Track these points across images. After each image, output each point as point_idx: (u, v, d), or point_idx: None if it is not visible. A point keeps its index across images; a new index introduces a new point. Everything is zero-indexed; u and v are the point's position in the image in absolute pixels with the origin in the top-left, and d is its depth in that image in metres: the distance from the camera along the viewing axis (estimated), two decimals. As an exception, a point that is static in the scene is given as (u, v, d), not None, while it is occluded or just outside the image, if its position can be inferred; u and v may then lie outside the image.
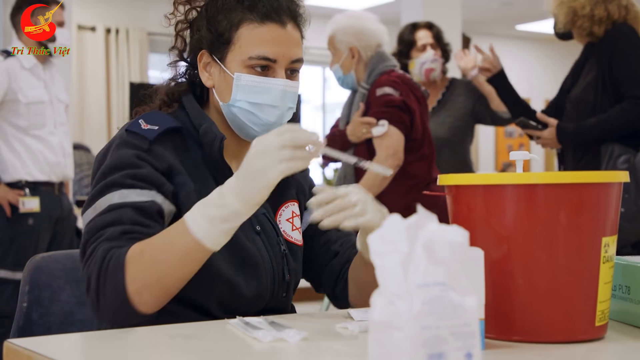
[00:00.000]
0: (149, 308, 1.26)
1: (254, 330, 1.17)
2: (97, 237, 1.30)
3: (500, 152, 10.25)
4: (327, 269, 1.56)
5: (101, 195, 1.34)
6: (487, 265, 1.11)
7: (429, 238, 0.82)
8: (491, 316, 1.12)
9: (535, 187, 1.14)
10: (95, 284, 1.26)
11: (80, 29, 7.68)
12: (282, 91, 1.42)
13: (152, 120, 1.41)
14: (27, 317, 1.56)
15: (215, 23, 1.43)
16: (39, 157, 3.68)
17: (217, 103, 1.46)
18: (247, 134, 1.46)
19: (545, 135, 2.98)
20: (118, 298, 1.25)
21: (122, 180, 1.33)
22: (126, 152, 1.36)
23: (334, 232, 1.57)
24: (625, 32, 2.91)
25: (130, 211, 1.31)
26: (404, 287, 0.80)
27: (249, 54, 1.40)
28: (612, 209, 1.18)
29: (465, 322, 0.81)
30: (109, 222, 1.30)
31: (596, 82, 2.90)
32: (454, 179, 1.22)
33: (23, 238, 3.65)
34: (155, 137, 1.38)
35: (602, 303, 1.18)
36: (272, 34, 1.41)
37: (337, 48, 3.22)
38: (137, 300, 1.25)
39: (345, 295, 1.54)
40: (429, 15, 5.68)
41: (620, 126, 2.82)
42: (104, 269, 1.25)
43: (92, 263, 1.28)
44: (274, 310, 1.44)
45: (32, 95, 3.64)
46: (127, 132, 1.39)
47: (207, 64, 1.46)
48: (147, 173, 1.35)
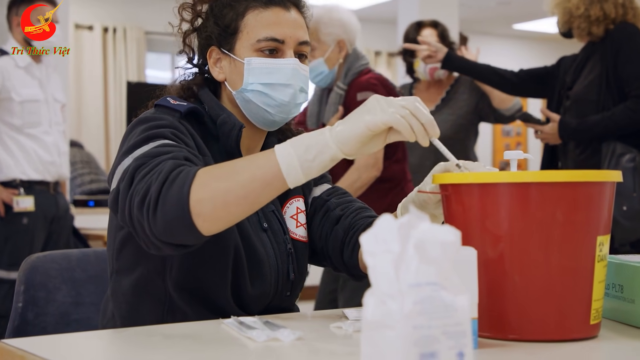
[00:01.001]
0: (205, 222, 1.19)
1: (248, 330, 1.17)
2: (157, 160, 1.23)
3: (498, 151, 10.27)
4: (331, 237, 1.51)
5: (143, 144, 1.27)
6: (482, 264, 1.11)
7: (420, 238, 0.82)
8: (486, 315, 1.13)
9: (530, 186, 1.14)
10: (157, 190, 1.19)
11: (78, 28, 7.68)
12: (292, 69, 1.43)
13: (179, 100, 1.42)
14: (22, 317, 1.56)
15: (222, 17, 1.46)
16: (33, 156, 3.67)
17: (230, 95, 1.47)
18: (263, 119, 1.46)
19: (546, 130, 2.98)
20: (179, 203, 1.18)
21: (166, 133, 1.30)
22: (161, 116, 1.35)
23: (333, 200, 1.55)
24: (630, 31, 2.91)
25: (184, 151, 1.28)
26: (396, 286, 0.81)
27: (257, 37, 1.43)
28: (606, 207, 1.19)
29: (457, 322, 0.82)
30: (164, 151, 1.25)
31: (600, 80, 2.90)
32: (449, 178, 1.23)
33: (18, 237, 3.64)
34: (186, 110, 1.38)
35: (596, 302, 1.18)
36: (277, 16, 1.44)
37: (322, 41, 3.03)
38: (197, 210, 1.18)
39: (355, 260, 1.48)
40: (426, 14, 5.68)
41: (624, 125, 2.83)
42: (171, 178, 1.19)
43: (154, 175, 1.21)
44: (277, 309, 1.44)
45: (26, 93, 3.64)
46: (157, 106, 1.40)
47: (217, 59, 1.48)
48: (188, 141, 1.34)
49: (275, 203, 1.50)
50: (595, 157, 2.89)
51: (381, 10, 8.92)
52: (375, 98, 1.20)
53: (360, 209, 1.53)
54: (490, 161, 10.30)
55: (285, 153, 1.19)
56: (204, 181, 1.19)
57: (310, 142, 1.19)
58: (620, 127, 2.83)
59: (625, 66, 2.86)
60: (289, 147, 1.19)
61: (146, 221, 1.20)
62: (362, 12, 9.04)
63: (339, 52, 3.03)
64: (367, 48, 9.43)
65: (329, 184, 1.60)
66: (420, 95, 3.69)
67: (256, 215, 1.45)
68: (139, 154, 1.27)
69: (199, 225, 1.19)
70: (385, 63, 9.62)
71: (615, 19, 2.92)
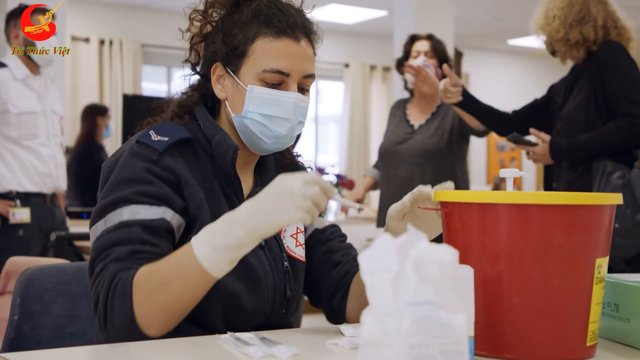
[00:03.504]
0: (157, 332, 1.27)
1: (244, 346, 1.17)
2: (105, 255, 1.31)
3: (492, 167, 10.29)
4: (327, 278, 1.55)
5: (111, 210, 1.34)
6: (480, 283, 1.11)
7: (418, 257, 0.82)
8: (483, 334, 1.13)
9: (530, 207, 1.14)
10: (103, 306, 1.27)
11: (74, 40, 7.69)
12: (294, 104, 1.44)
13: (162, 132, 1.42)
14: (17, 330, 1.56)
15: (231, 36, 1.45)
16: (30, 168, 3.67)
17: (229, 115, 1.48)
18: (258, 146, 1.47)
19: (537, 151, 2.99)
20: (125, 322, 1.25)
21: (132, 197, 1.34)
22: (137, 164, 1.37)
23: (336, 243, 1.57)
24: (614, 49, 2.93)
25: (138, 229, 1.32)
26: (393, 305, 0.81)
27: (263, 67, 1.42)
28: (606, 230, 1.19)
29: (454, 341, 0.82)
30: (118, 240, 1.31)
31: (588, 99, 2.91)
32: (448, 196, 1.23)
33: (13, 249, 3.63)
34: (165, 148, 1.39)
35: (593, 323, 1.18)
36: (287, 48, 1.43)
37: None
38: (145, 324, 1.26)
39: (344, 306, 1.53)
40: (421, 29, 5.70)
41: (614, 143, 2.83)
42: (112, 293, 1.26)
43: (100, 283, 1.29)
44: (272, 326, 1.44)
45: (23, 106, 3.63)
46: (138, 143, 1.40)
47: (220, 76, 1.48)
48: (157, 190, 1.35)
49: None
50: (586, 176, 2.89)
51: (377, 25, 8.96)
52: (289, 190, 1.20)
53: (355, 258, 1.55)
54: (484, 176, 10.32)
55: (204, 255, 1.24)
56: (142, 298, 1.25)
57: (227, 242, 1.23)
58: (610, 145, 2.84)
59: (611, 84, 2.87)
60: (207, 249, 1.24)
61: (103, 330, 1.29)
62: (358, 27, 9.09)
63: None
64: (362, 62, 9.48)
65: (324, 215, 1.63)
66: (413, 109, 3.73)
67: None
68: (100, 231, 1.34)
69: (152, 333, 1.27)
70: (381, 77, 9.65)
71: (595, 40, 2.93)
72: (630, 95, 2.83)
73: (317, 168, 7.97)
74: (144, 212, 1.33)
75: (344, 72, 9.53)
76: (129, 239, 1.31)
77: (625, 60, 2.91)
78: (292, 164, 1.62)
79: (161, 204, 1.35)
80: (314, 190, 1.20)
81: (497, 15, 8.65)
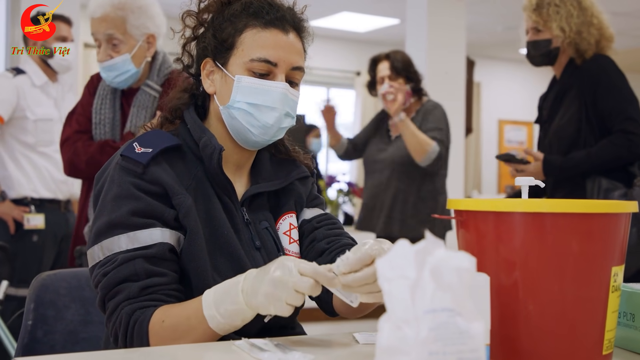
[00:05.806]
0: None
1: (259, 352, 1.17)
2: (115, 292, 1.34)
3: (503, 176, 10.26)
4: None
5: (106, 235, 1.36)
6: (495, 291, 1.11)
7: (436, 264, 0.82)
8: (499, 342, 1.13)
9: (545, 216, 1.14)
10: (122, 344, 1.32)
11: (87, 47, 7.73)
12: (281, 94, 1.45)
13: (146, 143, 1.42)
14: (31, 335, 1.56)
15: (220, 30, 1.47)
16: (45, 174, 3.69)
17: (217, 109, 1.49)
18: (246, 139, 1.48)
19: (530, 169, 2.93)
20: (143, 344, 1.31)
21: (126, 220, 1.35)
22: (123, 179, 1.38)
23: (322, 231, 1.56)
24: (604, 64, 2.91)
25: (142, 262, 1.33)
26: (411, 312, 0.81)
27: (250, 57, 1.44)
28: (622, 238, 1.19)
29: (472, 348, 0.82)
30: (125, 277, 1.33)
31: (579, 114, 2.88)
32: (463, 204, 1.23)
33: (27, 255, 3.65)
34: (149, 160, 1.39)
35: (609, 332, 1.18)
36: (275, 38, 1.45)
37: (129, 34, 2.67)
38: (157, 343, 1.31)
39: (329, 296, 1.51)
40: (434, 38, 5.72)
41: (610, 160, 2.81)
42: (130, 334, 1.31)
43: (117, 322, 1.33)
44: (275, 327, 1.44)
45: (40, 112, 3.66)
46: (122, 156, 1.41)
47: (210, 71, 1.50)
48: (146, 206, 1.37)
49: (269, 219, 1.51)
50: (576, 193, 2.86)
51: (389, 34, 8.97)
52: (284, 283, 1.19)
53: (346, 246, 1.53)
54: (495, 185, 10.29)
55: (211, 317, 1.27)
56: (157, 342, 1.30)
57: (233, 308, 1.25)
58: (605, 162, 2.81)
59: (605, 101, 2.84)
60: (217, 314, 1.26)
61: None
62: (370, 35, 9.10)
63: (147, 49, 2.70)
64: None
65: (321, 208, 1.61)
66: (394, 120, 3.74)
67: (249, 233, 1.48)
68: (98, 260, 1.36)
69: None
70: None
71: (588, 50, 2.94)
72: (625, 112, 2.81)
73: (328, 176, 7.96)
74: (142, 239, 1.35)
75: (355, 80, 9.54)
76: (136, 274, 1.33)
77: (617, 76, 2.89)
78: (287, 159, 1.61)
79: (155, 222, 1.36)
80: (308, 283, 1.19)
81: (508, 25, 8.64)
